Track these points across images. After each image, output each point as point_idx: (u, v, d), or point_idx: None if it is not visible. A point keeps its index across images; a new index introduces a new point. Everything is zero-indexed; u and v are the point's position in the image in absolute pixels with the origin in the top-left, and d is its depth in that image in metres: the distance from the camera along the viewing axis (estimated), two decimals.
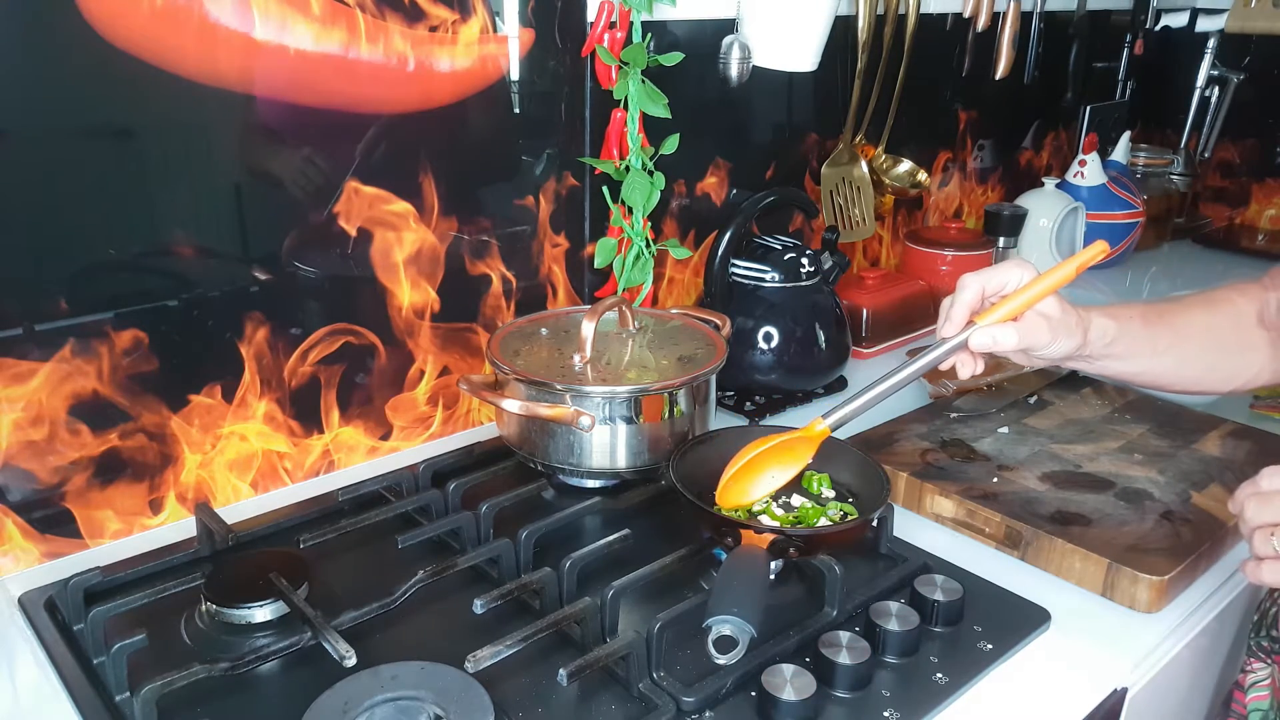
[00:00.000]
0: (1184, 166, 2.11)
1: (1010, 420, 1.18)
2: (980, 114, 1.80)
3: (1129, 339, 0.83)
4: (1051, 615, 0.84)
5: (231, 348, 0.97)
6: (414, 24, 0.99)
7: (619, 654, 0.72)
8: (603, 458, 0.98)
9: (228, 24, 0.88)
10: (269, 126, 0.94)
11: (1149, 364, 0.85)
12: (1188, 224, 2.17)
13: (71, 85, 0.82)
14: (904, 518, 1.00)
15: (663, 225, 1.31)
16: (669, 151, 1.19)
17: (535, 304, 1.21)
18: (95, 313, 0.88)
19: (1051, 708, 0.76)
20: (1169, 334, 0.85)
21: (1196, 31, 2.16)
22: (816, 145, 1.50)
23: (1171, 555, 0.89)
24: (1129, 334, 0.83)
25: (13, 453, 0.86)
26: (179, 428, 0.95)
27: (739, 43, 1.23)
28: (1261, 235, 2.14)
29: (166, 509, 0.97)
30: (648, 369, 1.01)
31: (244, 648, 0.77)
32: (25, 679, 0.77)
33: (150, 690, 0.67)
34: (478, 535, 0.92)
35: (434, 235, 1.08)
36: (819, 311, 1.27)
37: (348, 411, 1.07)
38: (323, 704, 0.68)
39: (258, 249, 0.97)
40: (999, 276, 0.78)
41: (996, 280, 0.78)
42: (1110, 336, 0.81)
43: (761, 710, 0.72)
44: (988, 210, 1.64)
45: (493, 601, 0.77)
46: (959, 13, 1.61)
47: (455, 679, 0.70)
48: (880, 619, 0.79)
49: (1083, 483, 1.03)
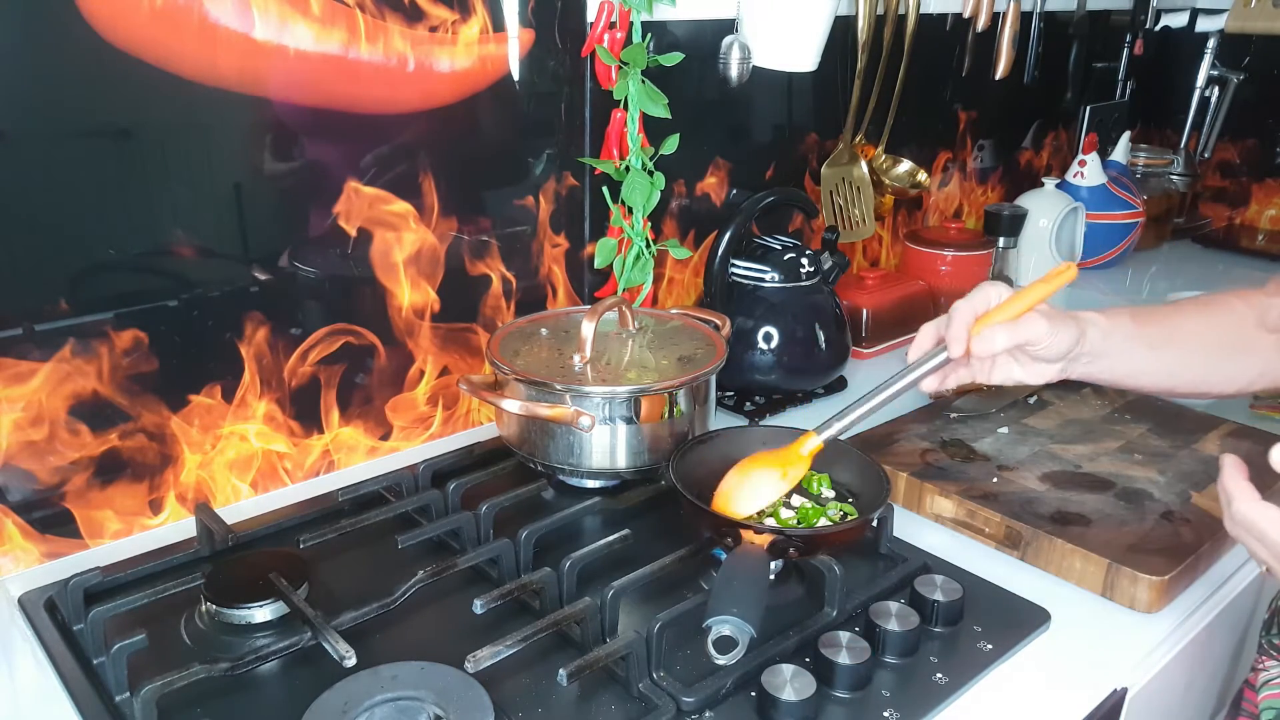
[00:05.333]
0: (1184, 166, 2.11)
1: (1010, 420, 1.18)
2: (980, 114, 1.80)
3: (1122, 334, 0.83)
4: (1051, 615, 0.84)
5: (231, 348, 0.97)
6: (414, 24, 0.99)
7: (619, 654, 0.72)
8: (603, 458, 0.98)
9: (228, 24, 0.88)
10: (269, 127, 0.94)
11: (1145, 361, 0.85)
12: (1188, 224, 2.17)
13: (71, 85, 0.82)
14: (904, 518, 1.00)
15: (663, 225, 1.31)
16: (669, 151, 1.19)
17: (535, 304, 1.21)
18: (95, 313, 0.88)
19: (1051, 708, 0.76)
20: (1163, 332, 0.85)
21: (1196, 31, 2.16)
22: (816, 145, 1.50)
23: (1171, 555, 0.89)
24: (1121, 329, 0.83)
25: (13, 453, 0.86)
26: (179, 428, 0.95)
27: (739, 43, 1.23)
28: (1261, 235, 2.14)
29: (166, 509, 0.97)
30: (648, 369, 1.01)
31: (244, 648, 0.77)
32: (25, 679, 0.77)
33: (150, 690, 0.67)
34: (478, 535, 0.92)
35: (434, 235, 1.08)
36: (819, 311, 1.27)
37: (348, 411, 1.07)
38: (323, 704, 0.68)
39: (258, 249, 0.97)
40: (982, 297, 0.81)
41: (981, 301, 0.81)
42: (1103, 330, 0.82)
43: (761, 710, 0.72)
44: (988, 210, 1.64)
45: (493, 601, 0.77)
46: (959, 13, 1.61)
47: (455, 679, 0.70)
48: (880, 619, 0.79)
49: (1083, 483, 1.03)
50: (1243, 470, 0.74)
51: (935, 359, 0.81)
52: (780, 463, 0.85)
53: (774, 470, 0.85)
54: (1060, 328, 0.79)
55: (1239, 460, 0.75)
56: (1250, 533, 0.73)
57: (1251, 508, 0.72)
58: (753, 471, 0.86)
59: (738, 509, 0.85)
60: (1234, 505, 0.73)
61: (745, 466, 0.87)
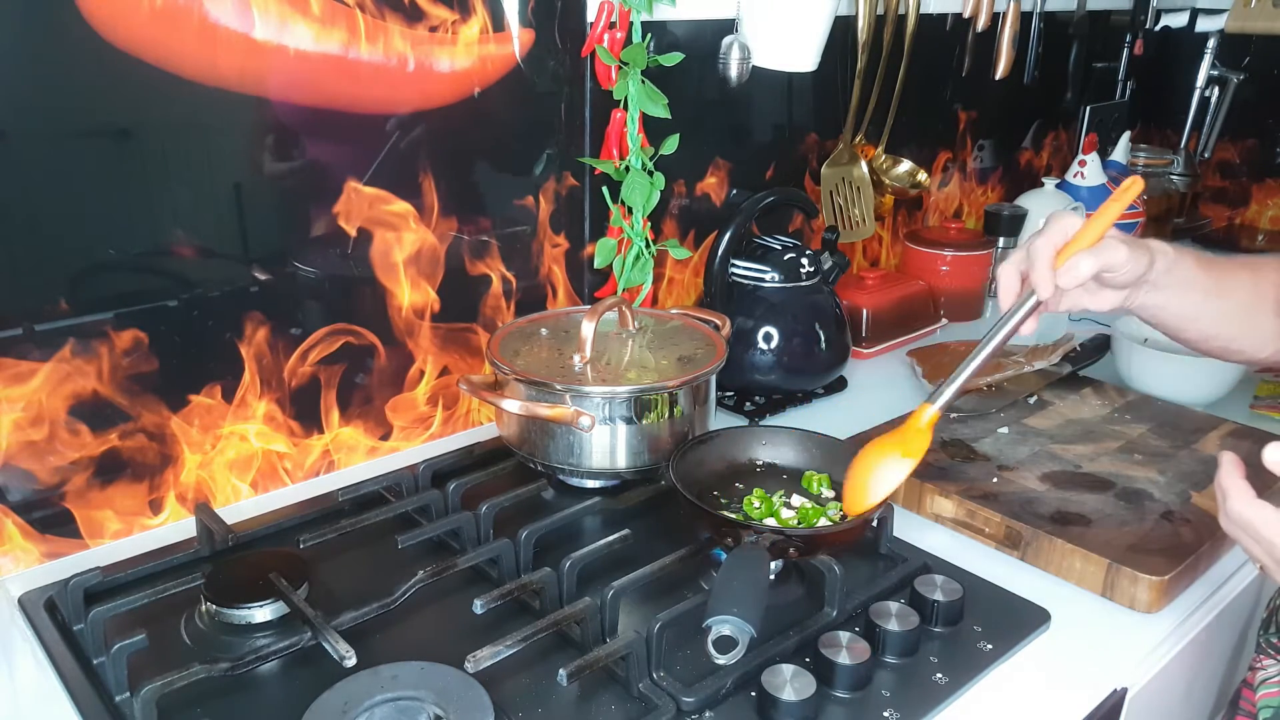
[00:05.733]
0: (1184, 167, 2.11)
1: (1010, 420, 1.18)
2: (980, 114, 1.80)
3: (1184, 270, 0.82)
4: (1051, 615, 0.85)
5: (231, 348, 0.97)
6: (414, 24, 0.99)
7: (619, 654, 0.72)
8: (603, 458, 0.98)
9: (228, 24, 0.88)
10: (269, 127, 0.94)
11: (1199, 306, 0.83)
12: (1188, 224, 2.16)
13: (71, 85, 0.82)
14: (904, 518, 1.00)
15: (663, 225, 1.31)
16: (669, 151, 1.19)
17: (535, 304, 1.21)
18: (95, 313, 0.88)
19: (1051, 708, 0.76)
20: (1217, 280, 0.84)
21: (1196, 31, 2.16)
22: (816, 145, 1.50)
23: (1171, 555, 0.89)
24: (1184, 265, 0.82)
25: (13, 453, 0.86)
26: (179, 428, 0.95)
27: (739, 43, 1.23)
28: (1261, 235, 2.14)
29: (166, 509, 0.97)
30: (648, 369, 1.01)
31: (244, 648, 0.77)
32: (25, 679, 0.77)
33: (150, 690, 0.67)
34: (478, 535, 0.92)
35: (434, 235, 1.08)
36: (819, 311, 1.27)
37: (348, 412, 1.07)
38: (323, 704, 0.68)
39: (258, 249, 0.97)
40: (1059, 229, 0.78)
41: (1059, 234, 0.78)
42: (1170, 260, 0.80)
43: (761, 710, 0.72)
44: (987, 210, 1.64)
45: (493, 601, 0.77)
46: (959, 13, 1.61)
47: (455, 679, 0.70)
48: (880, 619, 0.79)
49: (1083, 483, 1.03)
50: (1240, 468, 0.74)
51: (1027, 303, 0.78)
52: (899, 442, 0.82)
53: (894, 450, 0.82)
54: (1136, 253, 0.77)
55: (1237, 458, 0.75)
56: (1245, 531, 0.73)
57: (1247, 506, 0.72)
58: (877, 458, 0.83)
59: (870, 499, 0.82)
60: (1229, 503, 0.73)
61: (867, 455, 0.84)
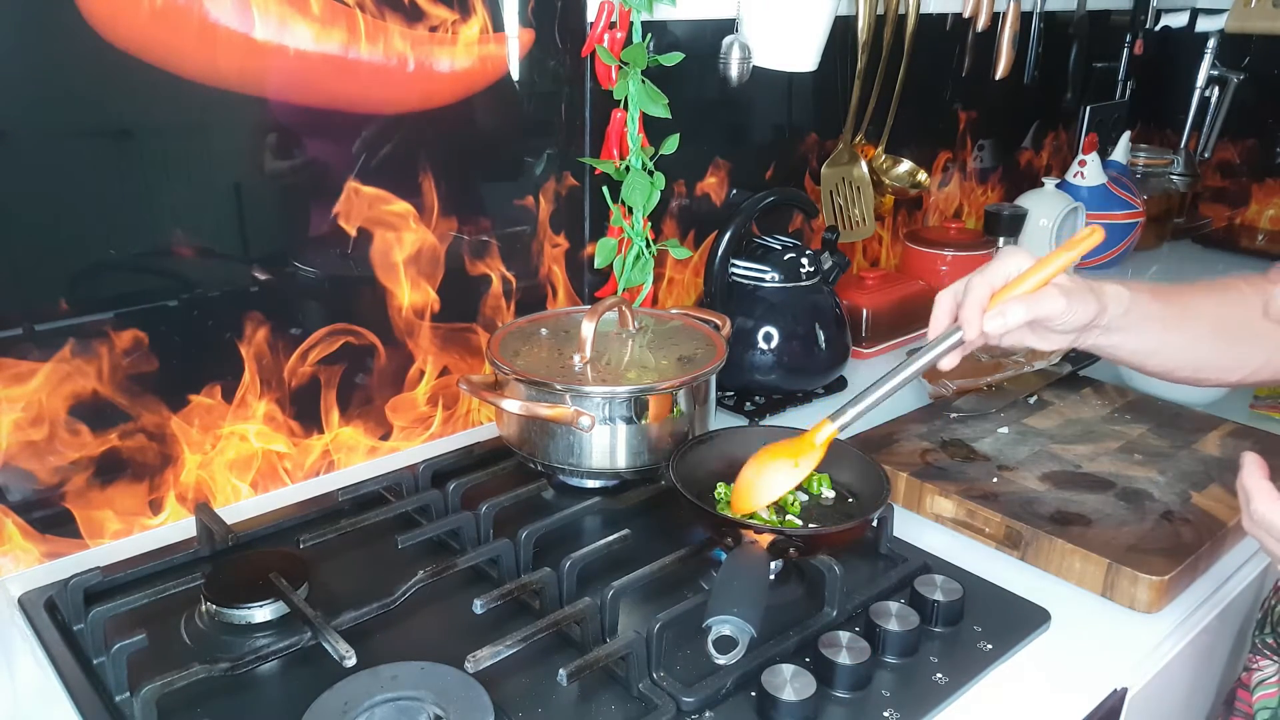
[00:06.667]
0: (1184, 166, 2.11)
1: (1010, 420, 1.18)
2: (980, 114, 1.80)
3: (1141, 310, 0.80)
4: (1051, 615, 0.85)
5: (231, 348, 0.97)
6: (414, 24, 0.99)
7: (619, 654, 0.72)
8: (603, 458, 0.98)
9: (228, 24, 0.87)
10: (269, 127, 0.94)
11: (1160, 340, 0.82)
12: (1188, 224, 2.17)
13: (71, 85, 0.82)
14: (904, 518, 1.00)
15: (663, 225, 1.31)
16: (669, 151, 1.19)
17: (535, 304, 1.21)
18: (95, 313, 0.88)
19: (1051, 708, 0.76)
20: (1178, 311, 0.83)
21: (1196, 31, 2.16)
22: (816, 145, 1.50)
23: (1171, 555, 0.89)
24: (1141, 305, 0.80)
25: (13, 453, 0.86)
26: (179, 428, 0.95)
27: (739, 43, 1.23)
28: (1261, 235, 2.14)
29: (166, 509, 0.97)
30: (648, 369, 1.01)
31: (244, 648, 0.77)
32: (25, 679, 0.77)
33: (150, 690, 0.67)
34: (478, 535, 0.92)
35: (434, 235, 1.08)
36: (819, 311, 1.27)
37: (348, 412, 1.07)
38: (323, 704, 0.68)
39: (258, 249, 0.97)
40: (1000, 269, 0.77)
41: (1000, 274, 0.77)
42: (1125, 304, 0.79)
43: (761, 710, 0.72)
44: (988, 210, 1.64)
45: (493, 601, 0.77)
46: (959, 13, 1.61)
47: (455, 679, 0.70)
48: (880, 619, 0.79)
49: (1083, 483, 1.03)
50: (1263, 469, 0.73)
51: (950, 339, 0.77)
52: (793, 452, 0.84)
53: (786, 460, 0.84)
54: (1078, 303, 0.75)
55: (1260, 459, 0.74)
56: (1269, 533, 0.72)
57: (1272, 508, 0.71)
58: (766, 463, 0.85)
59: (754, 502, 0.84)
60: (1253, 504, 0.72)
61: (759, 458, 0.85)
